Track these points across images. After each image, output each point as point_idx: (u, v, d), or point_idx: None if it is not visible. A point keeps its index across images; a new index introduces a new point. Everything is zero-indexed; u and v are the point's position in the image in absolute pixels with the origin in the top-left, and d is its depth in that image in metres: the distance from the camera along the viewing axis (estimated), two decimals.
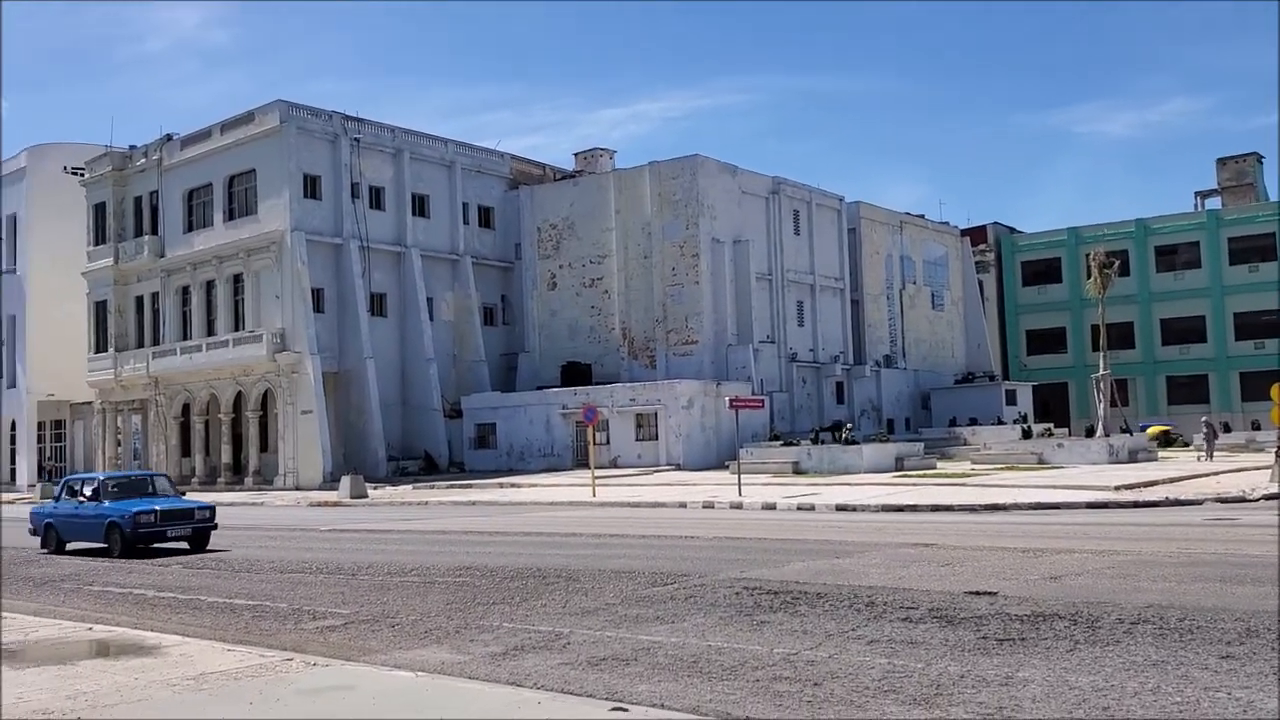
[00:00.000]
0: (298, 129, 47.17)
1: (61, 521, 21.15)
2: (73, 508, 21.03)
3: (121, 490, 20.93)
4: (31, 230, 61.74)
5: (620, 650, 9.23)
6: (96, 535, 20.14)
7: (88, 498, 20.82)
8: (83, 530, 20.64)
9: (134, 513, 19.43)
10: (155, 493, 21.37)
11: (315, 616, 11.82)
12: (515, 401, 48.58)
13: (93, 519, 20.26)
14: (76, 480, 22.36)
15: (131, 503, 20.12)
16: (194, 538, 20.13)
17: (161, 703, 7.39)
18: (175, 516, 20.03)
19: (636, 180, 50.95)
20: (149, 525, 19.54)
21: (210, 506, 21.06)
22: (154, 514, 19.61)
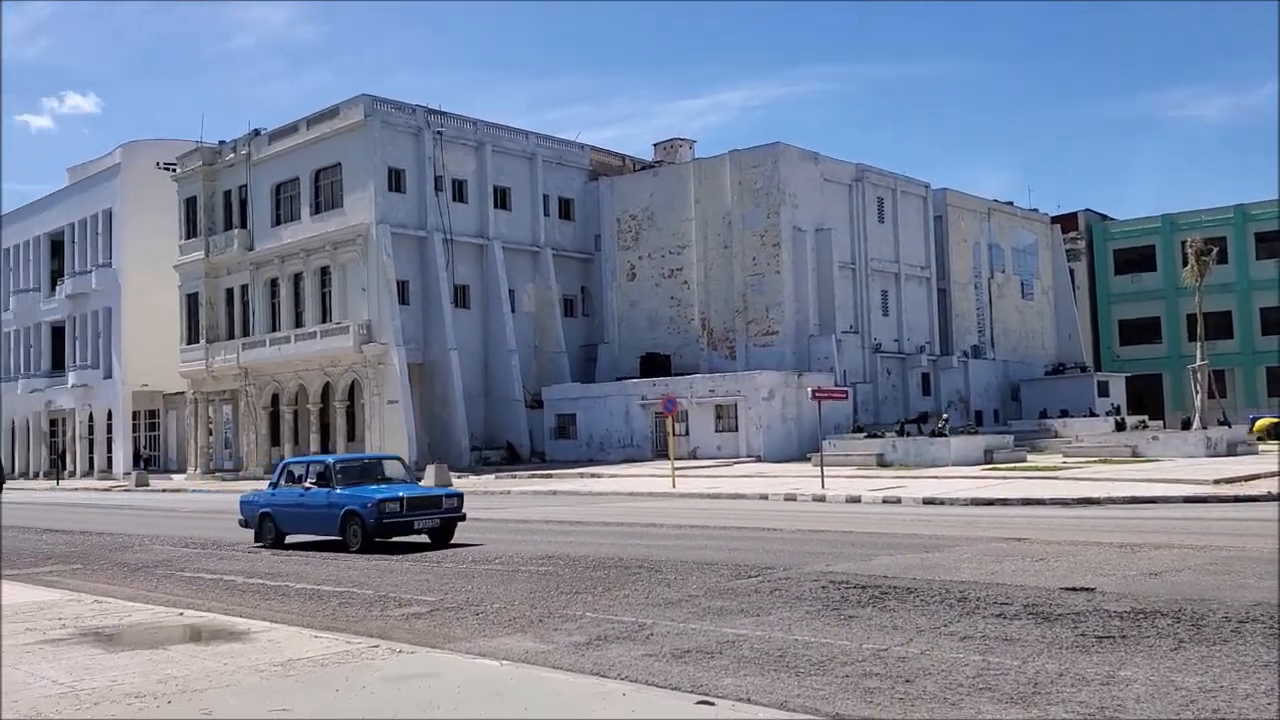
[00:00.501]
0: (382, 123, 47.78)
1: (284, 511, 18.60)
2: (296, 496, 18.37)
3: (351, 474, 18.31)
4: (125, 225, 63.62)
5: (705, 643, 9.10)
6: (328, 527, 17.72)
7: (314, 483, 18.15)
8: (310, 521, 18.26)
9: (378, 500, 16.91)
10: (387, 477, 18.82)
11: (401, 603, 11.88)
12: (595, 392, 48.66)
13: (322, 509, 17.75)
14: (298, 464, 19.56)
15: (369, 489, 17.62)
16: (440, 529, 17.77)
17: (249, 688, 7.45)
18: (422, 505, 17.50)
19: (717, 169, 50.64)
20: (394, 515, 17.02)
21: (459, 493, 18.51)
22: (399, 502, 17.09)
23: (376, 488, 17.72)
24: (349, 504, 17.23)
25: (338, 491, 17.64)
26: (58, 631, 9.94)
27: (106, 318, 64.93)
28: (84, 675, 7.93)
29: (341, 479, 17.89)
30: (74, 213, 69.03)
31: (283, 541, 18.68)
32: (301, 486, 18.36)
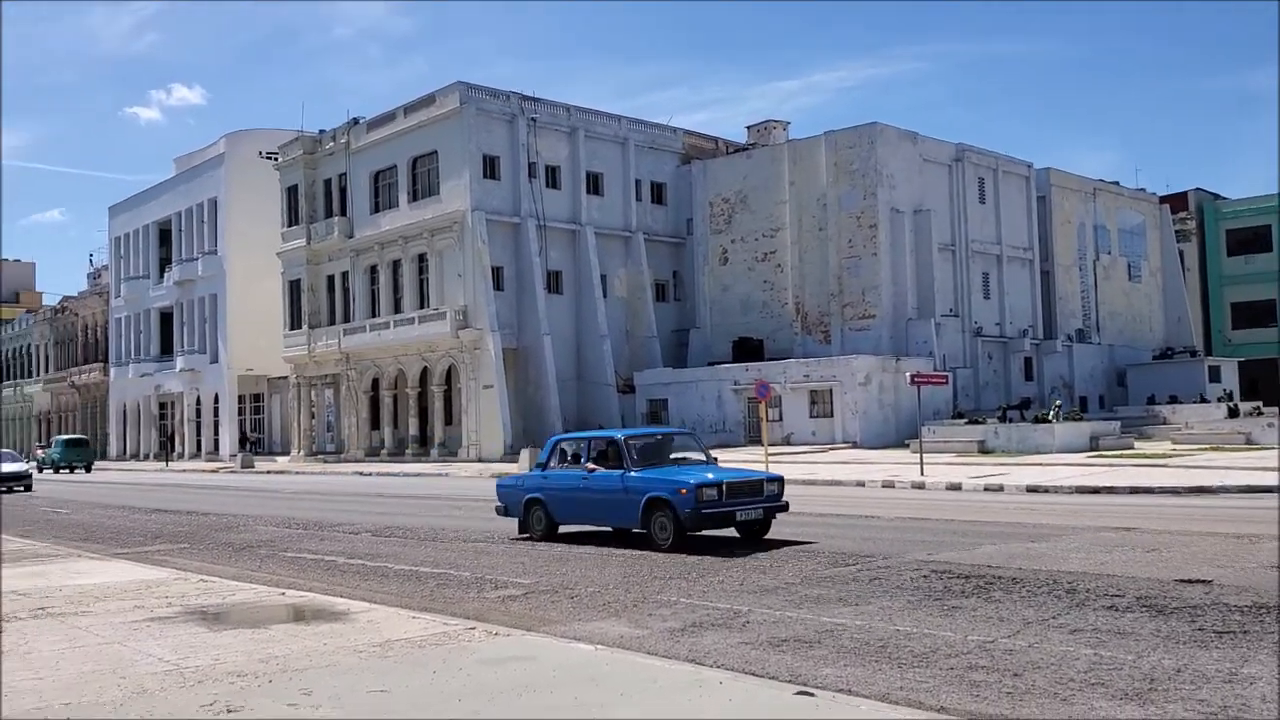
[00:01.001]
0: (477, 110, 48.18)
1: (560, 497, 15.77)
2: (576, 479, 15.46)
3: (646, 453, 15.27)
4: (230, 213, 65.40)
5: (802, 632, 8.91)
6: (624, 516, 14.79)
7: (602, 464, 15.30)
8: (598, 509, 15.33)
9: (696, 486, 13.81)
10: (682, 456, 15.82)
11: (497, 586, 11.92)
12: (687, 377, 48.51)
13: (616, 495, 14.74)
14: (572, 440, 16.68)
15: (678, 471, 14.71)
16: (760, 522, 14.68)
17: (348, 668, 7.49)
18: (744, 491, 14.35)
19: (811, 150, 49.97)
20: (714, 504, 13.92)
21: (779, 477, 15.35)
22: (719, 488, 13.98)
23: (684, 469, 14.84)
24: (654, 489, 14.22)
25: (635, 474, 14.60)
26: (164, 609, 10.18)
27: (213, 304, 66.89)
28: (188, 653, 8.07)
29: (637, 459, 14.89)
30: (181, 202, 71.23)
31: (555, 532, 15.93)
32: (582, 468, 15.47)
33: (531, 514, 16.20)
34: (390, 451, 52.03)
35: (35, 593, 11.48)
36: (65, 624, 9.52)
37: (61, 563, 14.49)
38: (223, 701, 6.59)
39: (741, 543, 14.56)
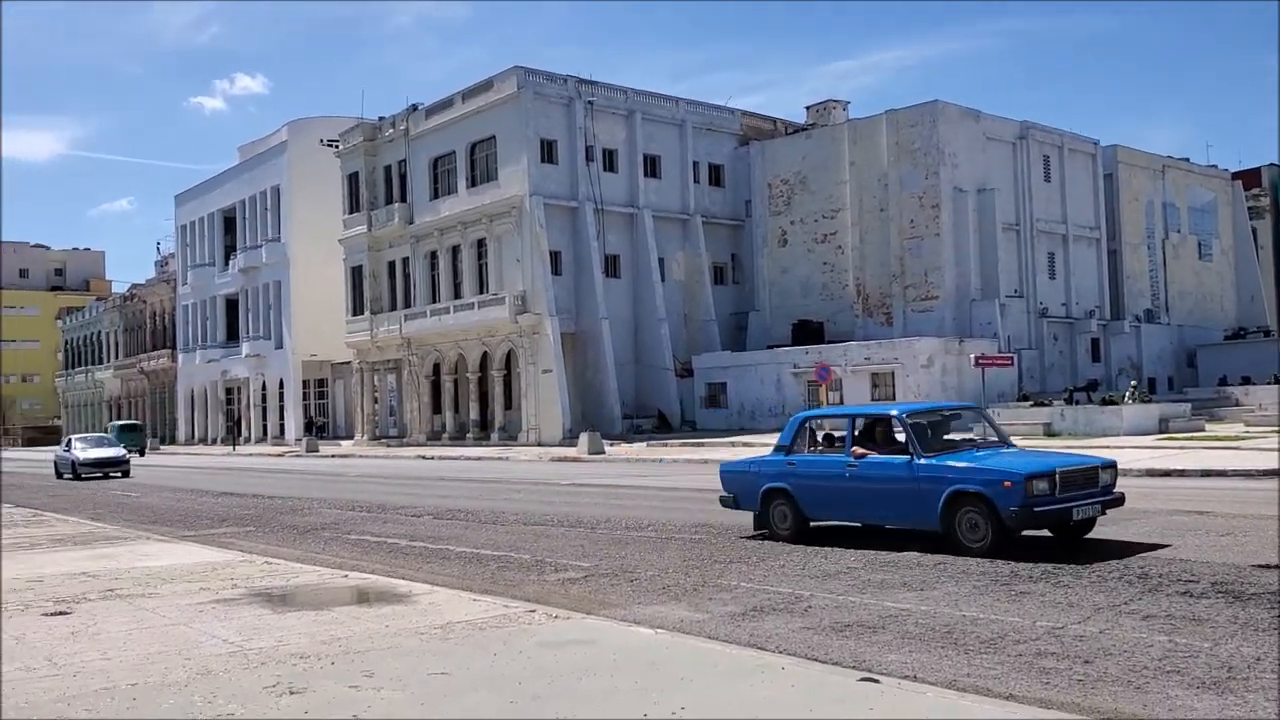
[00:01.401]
0: (534, 94, 48.21)
1: (813, 487, 13.02)
2: (837, 465, 12.75)
3: (933, 434, 12.64)
4: (293, 200, 66.22)
5: (866, 617, 8.77)
6: (914, 513, 12.14)
7: (874, 446, 12.69)
8: (871, 503, 12.62)
9: (1023, 476, 11.21)
10: (969, 438, 13.38)
11: (557, 569, 11.91)
12: (746, 360, 48.28)
13: (899, 485, 12.09)
14: (835, 419, 14.47)
15: (989, 457, 12.13)
16: (1092, 521, 12.09)
17: (409, 650, 7.51)
18: (1078, 482, 11.71)
19: (872, 130, 49.34)
20: (1045, 499, 11.26)
21: (1113, 463, 12.47)
22: (1051, 478, 11.36)
23: (991, 455, 12.27)
24: (962, 481, 11.61)
25: (928, 461, 11.95)
26: (229, 591, 10.30)
27: (277, 290, 67.85)
28: (252, 635, 8.15)
29: (925, 442, 12.23)
30: (245, 189, 72.27)
31: (806, 530, 13.19)
32: (841, 452, 12.88)
33: (773, 507, 13.45)
34: (451, 436, 52.48)
35: (105, 574, 11.70)
36: (133, 605, 9.67)
37: (130, 545, 14.77)
38: (285, 683, 6.63)
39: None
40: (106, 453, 37.17)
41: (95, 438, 41.01)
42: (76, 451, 36.96)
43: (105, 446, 38.32)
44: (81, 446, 37.54)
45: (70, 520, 19.38)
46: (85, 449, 37.23)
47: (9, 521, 19.06)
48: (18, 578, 11.62)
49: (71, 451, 37.23)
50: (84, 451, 36.87)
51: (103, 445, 38.56)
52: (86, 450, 37.03)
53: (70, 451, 37.39)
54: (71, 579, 11.42)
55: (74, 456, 36.55)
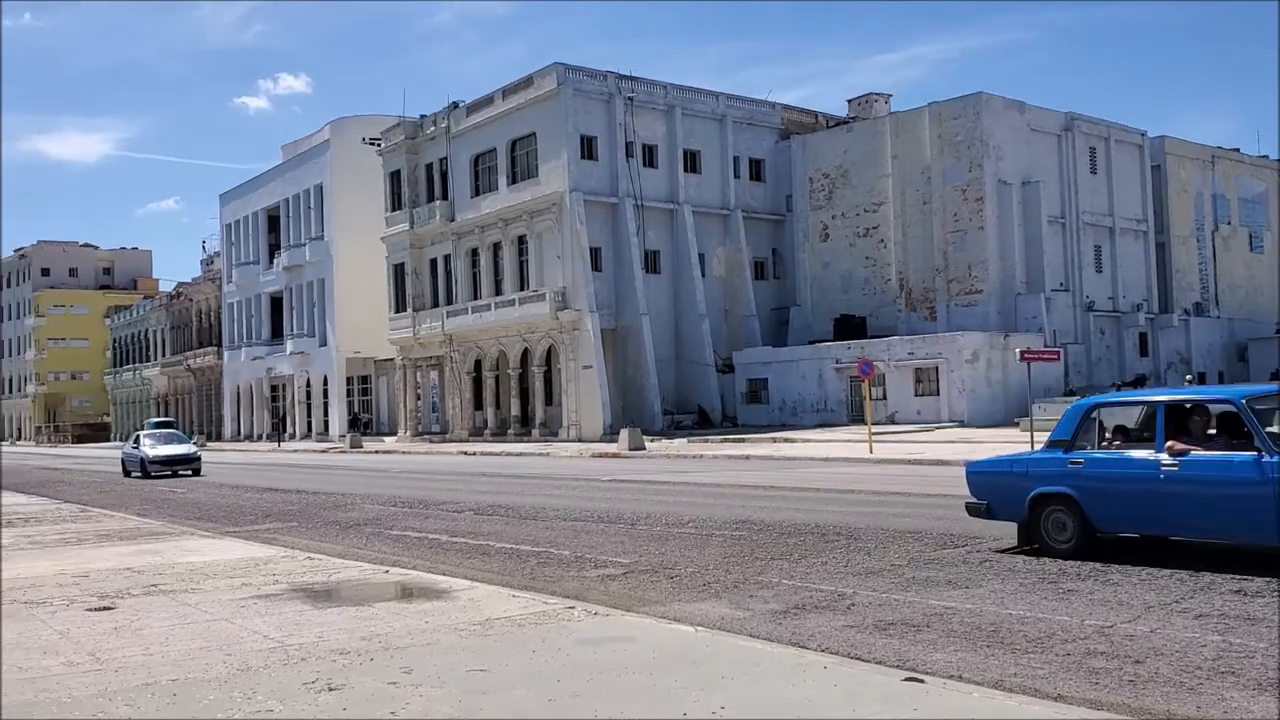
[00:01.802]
0: (574, 91, 48.21)
1: (1110, 492, 10.65)
2: (1146, 466, 10.31)
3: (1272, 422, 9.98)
4: (335, 199, 66.76)
5: (910, 615, 8.63)
6: (1265, 525, 9.57)
7: (1187, 440, 10.26)
8: (1202, 513, 10.13)
9: None
10: None
11: (597, 565, 11.86)
12: (787, 356, 48.04)
13: (1250, 488, 9.63)
14: (1140, 405, 11.14)
15: None
16: None
17: (448, 647, 7.48)
18: None
19: (914, 122, 48.87)
20: None
21: None
22: None
23: None
24: None
25: None
26: (271, 587, 10.34)
27: (320, 288, 68.43)
28: (293, 631, 8.16)
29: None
30: (288, 188, 72.95)
31: (1093, 543, 10.85)
32: (1146, 447, 10.43)
33: (1046, 516, 11.07)
34: (493, 431, 52.66)
35: (149, 570, 11.79)
36: (176, 601, 9.73)
37: (175, 540, 14.90)
38: (324, 679, 6.62)
39: (838, 523, 14.24)
40: (177, 450, 35.20)
41: (165, 434, 38.22)
42: (146, 448, 34.77)
43: (175, 443, 36.23)
44: (151, 443, 35.28)
45: (117, 516, 19.61)
46: (155, 445, 35.04)
47: (58, 517, 19.34)
48: (64, 572, 11.75)
49: (140, 448, 34.99)
50: (154, 448, 34.71)
51: (172, 442, 36.29)
52: (156, 447, 34.87)
53: (139, 449, 35.08)
54: (116, 574, 11.53)
55: (143, 454, 34.42)
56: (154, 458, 33.96)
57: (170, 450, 34.80)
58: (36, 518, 19.23)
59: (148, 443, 35.31)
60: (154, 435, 37.04)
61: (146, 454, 34.19)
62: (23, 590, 10.49)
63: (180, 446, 35.77)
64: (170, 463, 34.01)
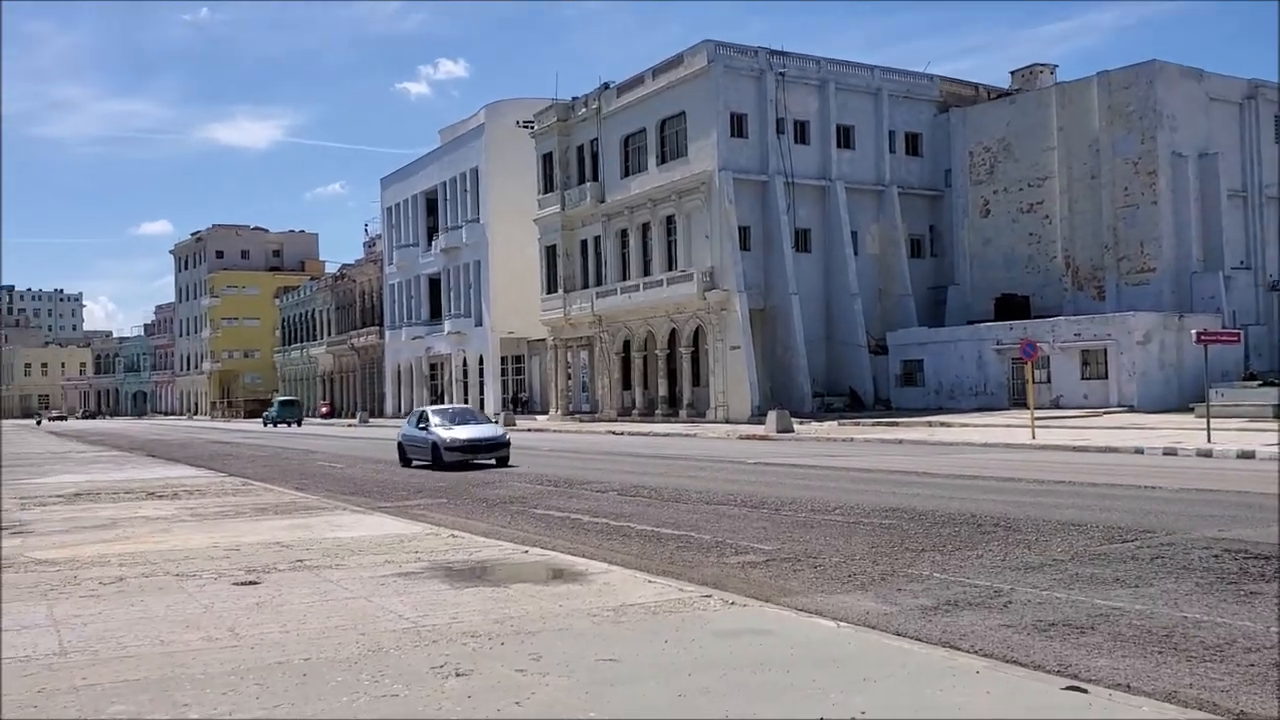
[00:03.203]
0: (725, 68, 47.64)
1: None
2: None
3: None
4: (490, 181, 67.93)
5: (1073, 615, 8.02)
6: None
7: None
8: None
9: None
10: None
11: (738, 551, 11.54)
12: (944, 337, 46.56)
13: None
14: None
15: None
16: None
17: (580, 633, 7.29)
18: None
19: (1082, 93, 46.56)
20: None
21: None
22: None
23: None
24: None
25: None
26: (412, 565, 10.37)
27: (476, 269, 69.87)
28: (428, 611, 8.11)
29: None
30: (446, 172, 74.63)
31: None
32: None
33: None
34: (641, 412, 52.79)
35: (297, 545, 12.03)
36: (319, 577, 9.85)
37: (326, 515, 15.24)
38: (453, 664, 6.50)
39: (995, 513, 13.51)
40: (481, 432, 26.51)
41: (456, 410, 29.44)
42: (438, 429, 26.33)
43: (474, 423, 27.45)
44: (441, 422, 26.81)
45: (275, 490, 20.27)
46: (449, 426, 26.54)
47: (221, 490, 20.11)
48: (217, 545, 12.09)
49: (431, 429, 26.53)
50: (448, 429, 26.24)
51: (470, 421, 27.56)
52: (452, 428, 26.33)
53: (428, 429, 26.68)
54: (265, 548, 11.79)
55: (435, 437, 26.08)
56: (451, 442, 25.72)
57: (472, 433, 26.33)
58: (201, 490, 20.05)
59: (437, 421, 26.97)
60: (444, 413, 28.17)
61: (440, 437, 25.97)
62: (176, 563, 10.82)
63: (483, 428, 27.11)
64: (472, 448, 25.83)
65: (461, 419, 27.51)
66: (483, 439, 26.15)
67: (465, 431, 26.26)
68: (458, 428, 26.44)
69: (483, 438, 26.20)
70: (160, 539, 12.79)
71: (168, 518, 15.22)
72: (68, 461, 33.07)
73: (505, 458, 26.13)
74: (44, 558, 11.47)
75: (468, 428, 26.62)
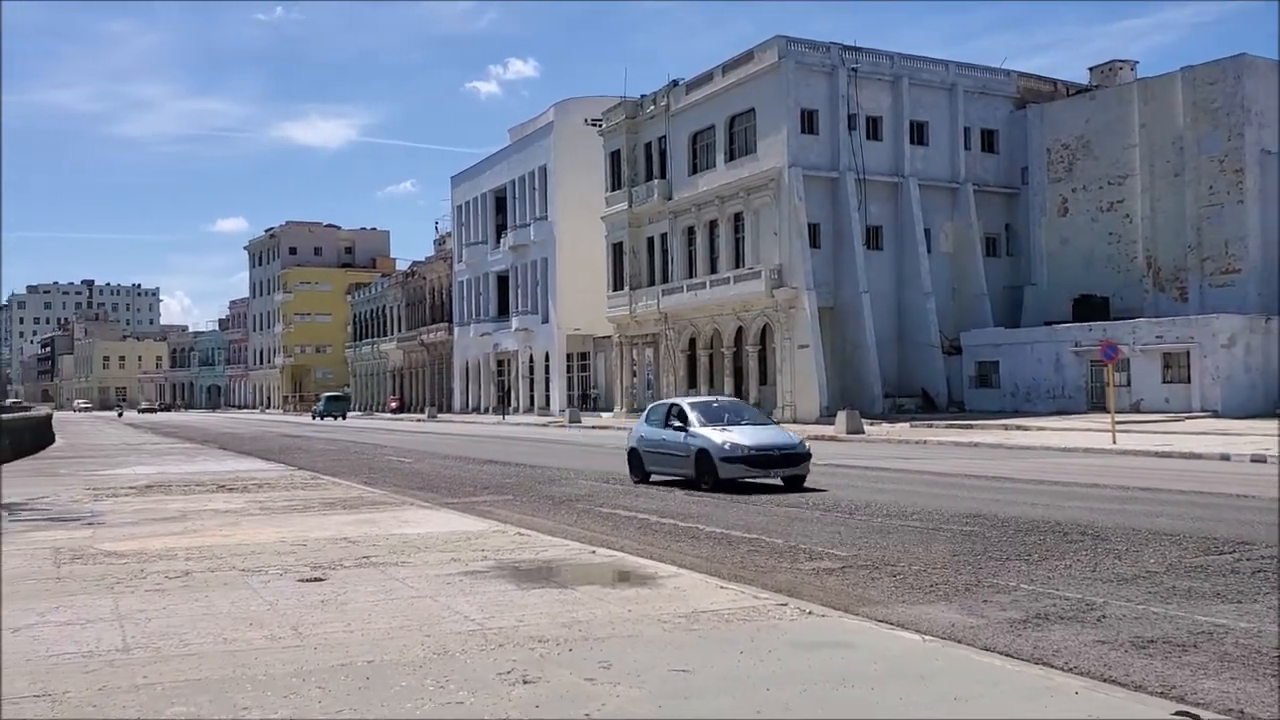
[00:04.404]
0: (796, 64, 47.05)
1: None
2: None
3: None
4: (558, 179, 68.02)
5: (1172, 632, 7.54)
6: None
7: None
8: None
9: None
10: None
11: (811, 556, 11.16)
12: (1021, 338, 45.52)
13: None
14: None
15: None
16: None
17: (650, 640, 6.99)
18: None
19: (1165, 89, 45.21)
20: None
21: None
22: None
23: None
24: None
25: None
26: (479, 564, 10.17)
27: (543, 267, 70.03)
28: (495, 613, 7.87)
29: None
30: (514, 170, 74.92)
31: None
32: None
33: None
34: None
35: (363, 540, 11.90)
36: (384, 574, 9.67)
37: (393, 510, 15.13)
38: (520, 670, 6.25)
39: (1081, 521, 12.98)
40: (770, 437, 18.68)
41: (720, 404, 21.08)
42: (706, 431, 18.55)
43: (750, 423, 19.45)
44: (704, 419, 19.01)
45: (344, 484, 20.28)
46: (719, 425, 18.77)
47: (291, 483, 20.16)
48: (284, 540, 12.00)
49: (693, 432, 18.69)
50: (721, 431, 18.51)
51: (743, 421, 19.44)
52: (725, 429, 18.58)
53: (688, 431, 18.79)
54: (332, 544, 11.67)
55: (703, 442, 18.28)
56: (731, 451, 17.91)
57: (758, 437, 18.38)
58: (270, 483, 20.12)
59: (698, 417, 19.04)
60: (703, 407, 19.94)
61: (713, 442, 18.14)
62: (242, 558, 10.73)
63: (769, 431, 19.15)
64: (763, 460, 17.91)
65: (732, 416, 19.50)
66: (775, 447, 18.10)
67: (747, 435, 18.32)
68: (733, 429, 18.56)
69: (775, 445, 18.17)
70: (228, 533, 12.75)
71: (236, 511, 15.23)
72: (141, 453, 33.62)
73: (802, 476, 18.18)
74: (113, 549, 11.48)
75: (746, 429, 18.67)
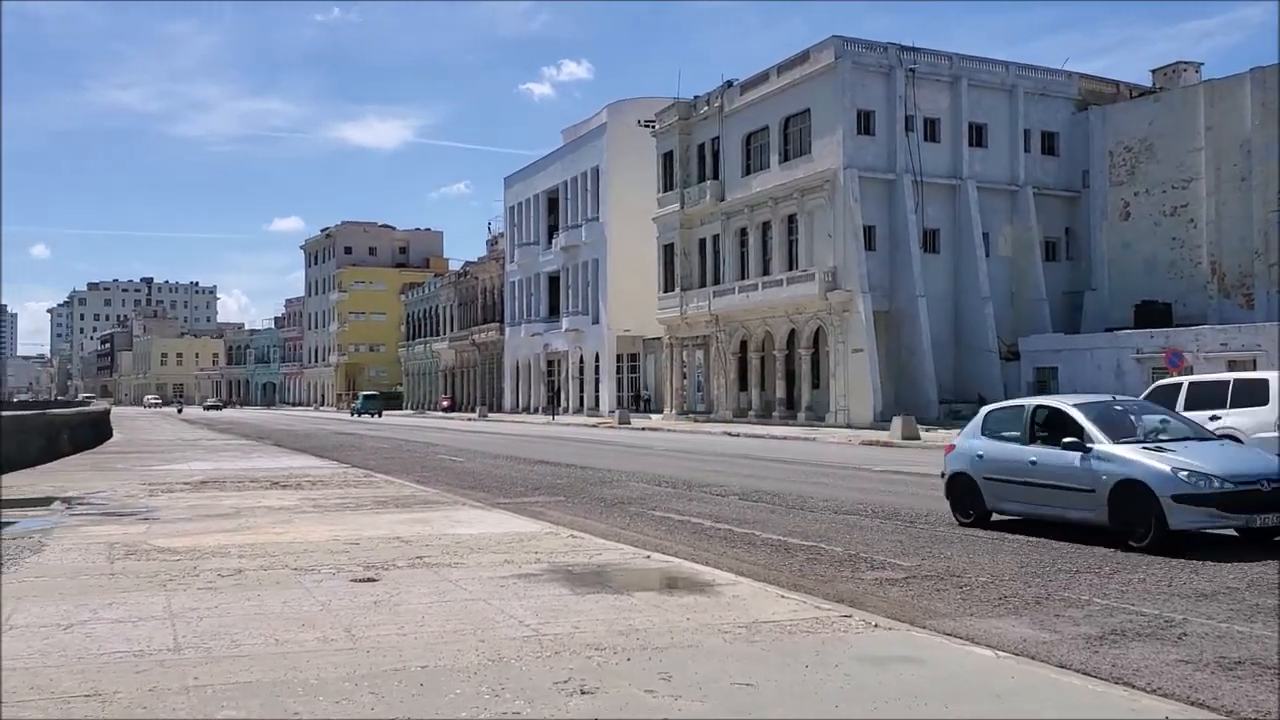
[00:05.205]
0: (852, 64, 46.53)
1: None
2: None
3: None
4: (611, 181, 67.99)
5: (1260, 653, 7.17)
6: None
7: None
8: None
9: None
10: None
11: (873, 566, 10.86)
12: (1081, 344, 44.59)
13: None
14: None
15: None
16: None
17: (711, 651, 6.76)
18: None
19: (1233, 90, 44.07)
20: None
21: None
22: None
23: None
24: None
25: None
26: (532, 566, 9.99)
27: (595, 268, 70.01)
28: (550, 618, 7.68)
29: None
30: (567, 171, 75.01)
31: None
32: None
33: None
34: (757, 413, 51.98)
35: (417, 540, 11.77)
36: (438, 575, 9.53)
37: (446, 510, 15.02)
38: (577, 679, 6.05)
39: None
40: (1244, 461, 11.67)
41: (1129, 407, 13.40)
42: (1136, 454, 11.51)
43: (1197, 440, 12.29)
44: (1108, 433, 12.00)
45: (396, 482, 20.25)
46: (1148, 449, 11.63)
47: (344, 481, 20.17)
48: (337, 539, 11.92)
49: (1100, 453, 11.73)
50: (1158, 454, 11.40)
51: (1164, 434, 12.36)
52: (1168, 453, 11.44)
53: (1090, 453, 11.80)
54: (385, 543, 11.56)
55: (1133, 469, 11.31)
56: (1196, 485, 10.96)
57: (1229, 462, 11.48)
58: (324, 481, 20.14)
59: (1098, 431, 12.07)
60: (1101, 411, 12.71)
61: (1152, 470, 11.21)
62: (295, 556, 10.64)
63: (1239, 453, 12.35)
64: (1247, 503, 10.93)
65: (1147, 424, 12.70)
66: (1264, 477, 11.16)
67: (1206, 457, 11.45)
68: (1171, 447, 11.76)
69: (1261, 474, 11.23)
70: (281, 530, 12.70)
71: (290, 508, 15.21)
72: (197, 449, 33.95)
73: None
74: (166, 546, 11.46)
75: (1193, 447, 11.86)
